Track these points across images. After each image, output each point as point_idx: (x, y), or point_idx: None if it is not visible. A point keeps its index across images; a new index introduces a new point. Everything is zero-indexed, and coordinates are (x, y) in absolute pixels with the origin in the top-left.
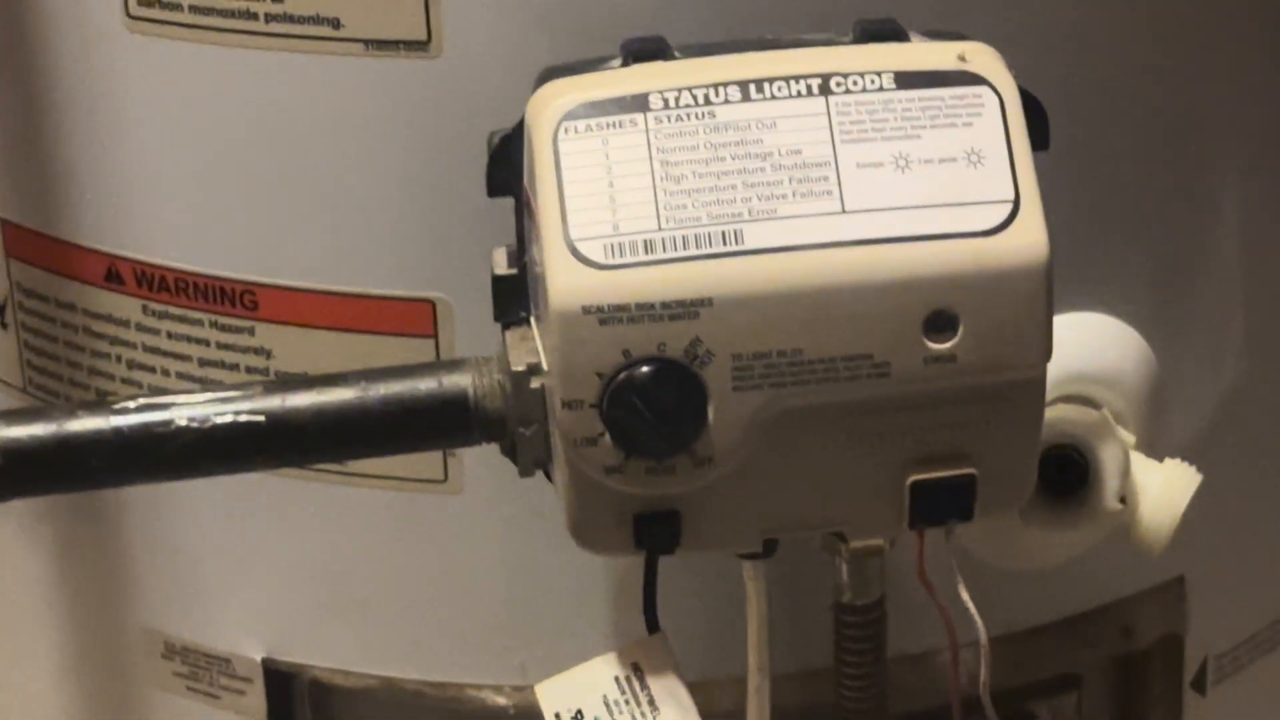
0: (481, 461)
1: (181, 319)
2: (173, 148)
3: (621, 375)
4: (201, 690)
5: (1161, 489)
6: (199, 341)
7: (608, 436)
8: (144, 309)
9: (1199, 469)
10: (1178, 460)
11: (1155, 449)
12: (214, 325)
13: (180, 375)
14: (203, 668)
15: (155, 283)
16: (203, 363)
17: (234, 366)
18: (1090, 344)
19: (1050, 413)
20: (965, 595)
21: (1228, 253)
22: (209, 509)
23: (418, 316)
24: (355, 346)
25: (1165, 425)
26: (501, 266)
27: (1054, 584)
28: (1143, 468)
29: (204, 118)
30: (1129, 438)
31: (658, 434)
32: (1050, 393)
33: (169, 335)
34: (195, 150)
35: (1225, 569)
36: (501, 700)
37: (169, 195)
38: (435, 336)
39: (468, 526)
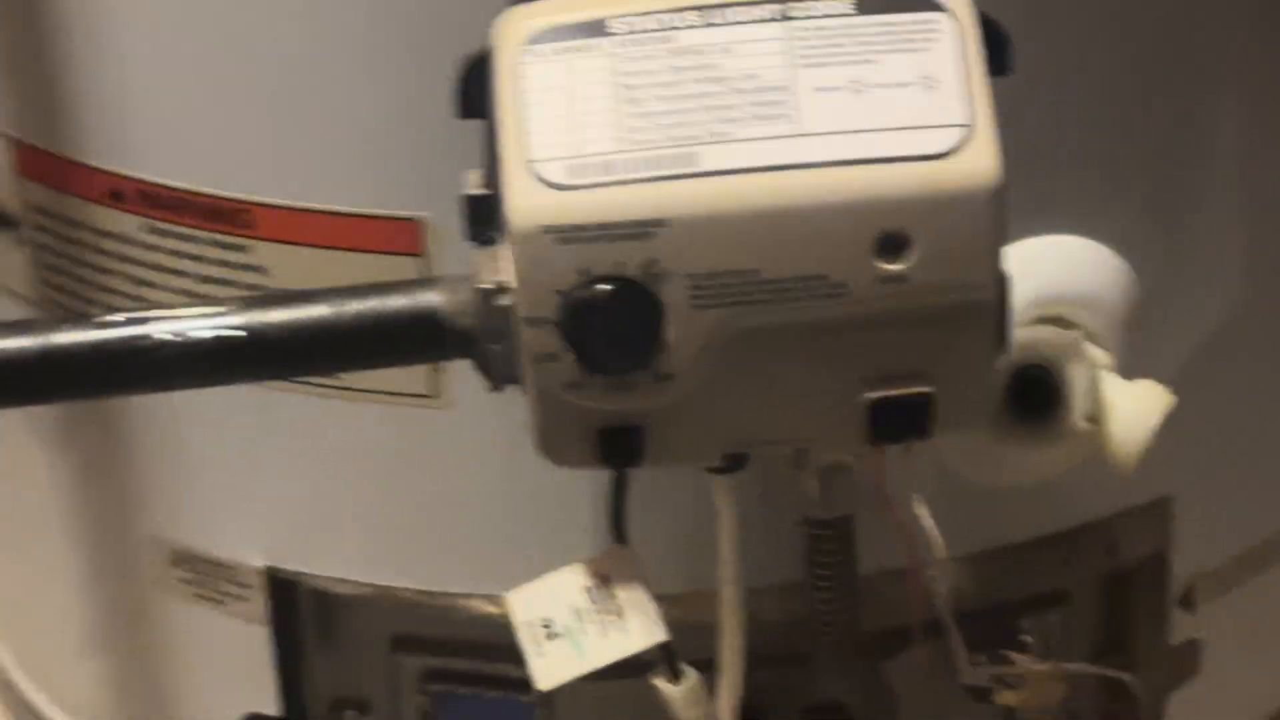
0: (470, 378)
1: (182, 236)
2: (169, 69)
3: (580, 293)
4: (207, 596)
5: (1131, 409)
6: (198, 259)
7: (568, 353)
8: (147, 227)
9: (1193, 388)
10: (1150, 381)
11: (1143, 369)
12: (213, 243)
13: (182, 291)
14: (208, 575)
15: (157, 201)
16: (202, 279)
17: (232, 283)
18: (1066, 266)
19: (1022, 333)
20: (924, 513)
21: (1224, 175)
22: (214, 423)
23: (406, 235)
24: (348, 264)
25: (1159, 344)
26: (474, 186)
27: (1038, 502)
28: (1114, 388)
29: (197, 39)
30: (1104, 358)
31: (616, 350)
32: (1026, 313)
33: (171, 253)
34: (191, 72)
35: (1213, 489)
36: (493, 609)
37: (168, 115)
38: (424, 255)
39: (458, 441)
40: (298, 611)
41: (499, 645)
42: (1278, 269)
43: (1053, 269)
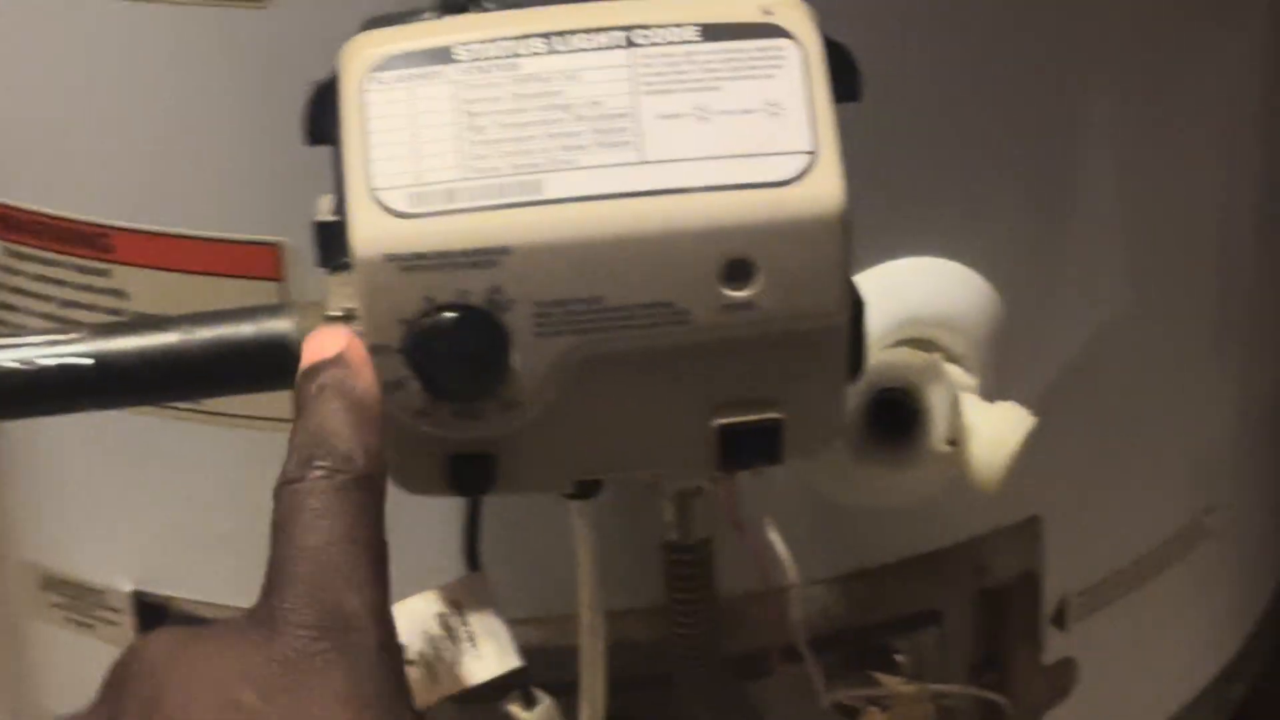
0: None
1: (43, 260)
2: (25, 93)
3: (425, 321)
4: (78, 620)
5: (992, 431)
6: (59, 283)
7: (414, 381)
8: (7, 251)
9: (1062, 407)
10: (1011, 403)
11: (1007, 390)
12: (73, 267)
13: (44, 315)
14: (78, 599)
15: (16, 225)
16: (63, 304)
17: (92, 308)
18: (929, 288)
19: (881, 355)
20: (776, 538)
21: (1091, 198)
22: (81, 447)
23: (264, 259)
24: (208, 289)
25: (1028, 365)
26: (325, 212)
27: (908, 522)
28: (975, 410)
29: (54, 64)
30: (966, 380)
31: (461, 378)
32: (888, 336)
33: (33, 277)
34: (49, 97)
35: (1084, 508)
36: None
37: (26, 139)
38: (282, 280)
39: None
40: None
41: None
42: (1148, 289)
43: (913, 291)
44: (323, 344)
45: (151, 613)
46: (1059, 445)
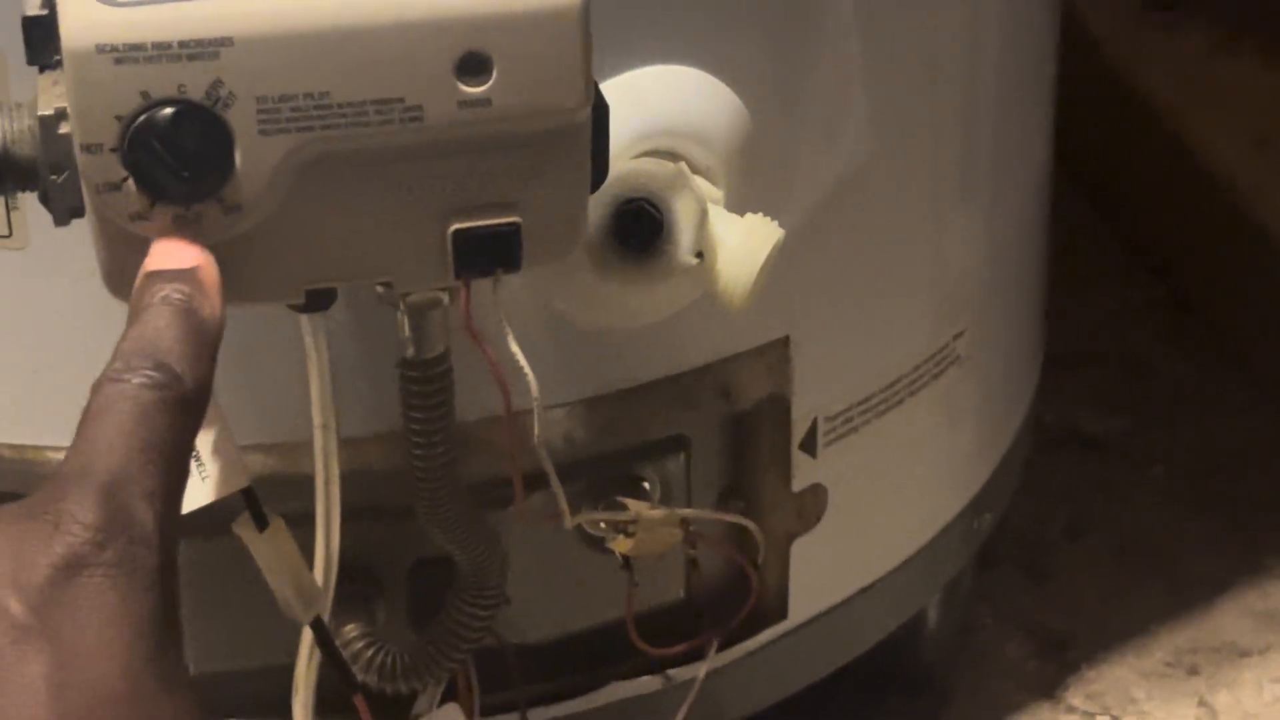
0: (46, 216)
1: None
2: None
3: (141, 118)
4: None
5: (740, 244)
6: None
7: (131, 182)
8: None
9: (814, 231)
10: (759, 215)
11: (754, 208)
12: None
13: None
14: None
15: None
16: None
17: None
18: (673, 97)
19: (625, 165)
20: (516, 350)
21: (845, 23)
22: None
23: None
24: None
25: (779, 191)
26: (33, 7)
27: (652, 344)
28: (723, 223)
29: None
30: (715, 193)
31: (181, 179)
32: (634, 146)
33: None
34: None
35: (834, 331)
36: None
37: None
38: None
39: (35, 282)
40: None
41: None
42: (901, 120)
43: (660, 100)
44: (175, 253)
45: None
46: (808, 267)
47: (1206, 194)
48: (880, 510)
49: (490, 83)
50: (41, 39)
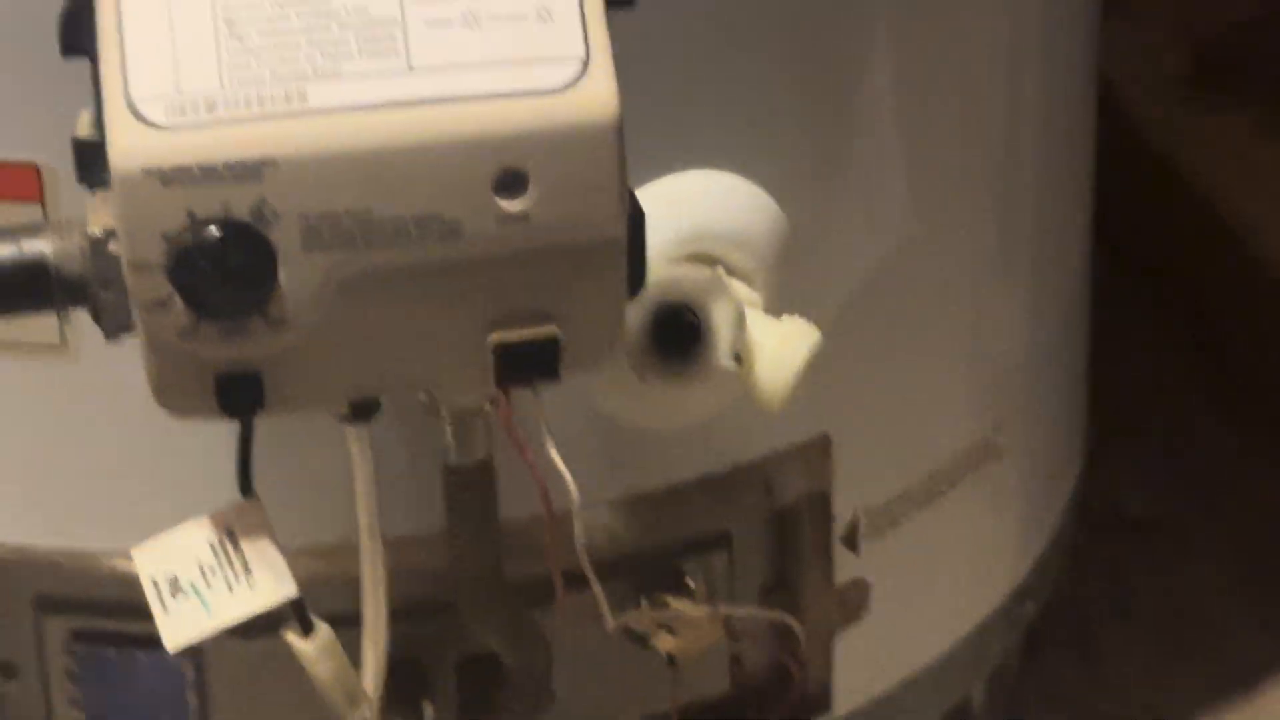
0: (98, 328)
1: None
2: None
3: (187, 237)
4: None
5: (778, 347)
6: None
7: (177, 299)
8: None
9: (852, 326)
10: (796, 318)
11: (799, 308)
12: None
13: None
14: None
15: None
16: None
17: None
18: (713, 202)
19: (664, 271)
20: (555, 456)
21: (878, 117)
22: None
23: (23, 180)
24: None
25: (818, 284)
26: (84, 129)
27: (695, 442)
28: (761, 326)
29: None
30: (752, 296)
31: (226, 296)
32: (671, 251)
33: None
34: None
35: (874, 426)
36: (130, 565)
37: None
38: (43, 201)
39: (88, 392)
40: None
41: (145, 604)
42: (935, 211)
43: (698, 205)
44: None
45: None
46: (847, 363)
47: (1249, 271)
48: (923, 601)
49: (528, 198)
50: (91, 160)
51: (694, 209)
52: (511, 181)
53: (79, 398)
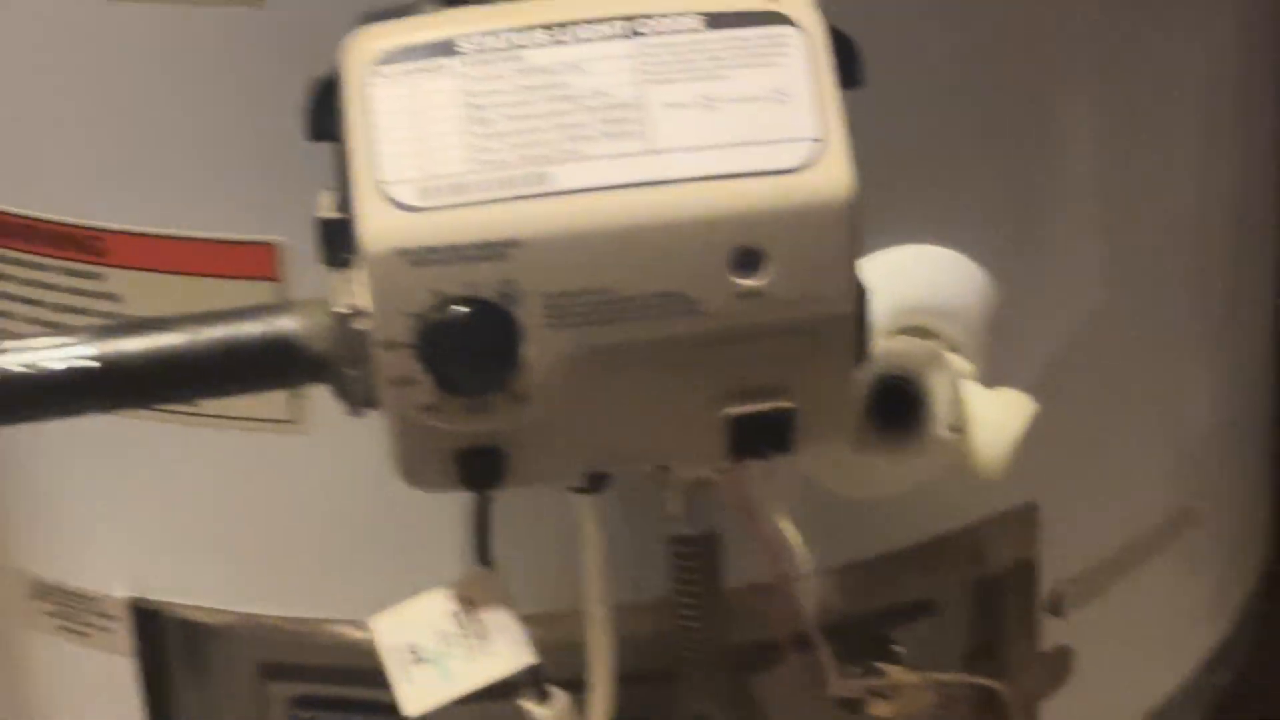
0: (328, 402)
1: (32, 265)
2: (12, 96)
3: (436, 316)
4: (72, 629)
5: (995, 418)
6: (50, 287)
7: (425, 376)
8: None
9: (1055, 395)
10: (1012, 389)
11: (1007, 379)
12: (64, 271)
13: (33, 321)
14: (71, 607)
15: (5, 229)
16: (55, 308)
17: (85, 312)
18: (925, 277)
19: (883, 344)
20: (788, 527)
21: (1077, 182)
22: (74, 451)
23: (260, 259)
24: (202, 290)
25: (1020, 354)
26: (327, 210)
27: (903, 512)
28: (977, 397)
29: (43, 67)
30: (966, 367)
31: (473, 373)
32: (887, 325)
33: (23, 281)
34: (35, 99)
35: (1079, 495)
36: (359, 635)
37: (13, 143)
38: (279, 279)
39: (318, 466)
40: (164, 642)
41: (368, 671)
42: (1133, 273)
43: (912, 279)
44: None
45: (147, 619)
46: (1052, 431)
47: None
48: (1123, 667)
49: (764, 275)
50: (334, 239)
51: (909, 282)
52: (748, 259)
53: (306, 470)
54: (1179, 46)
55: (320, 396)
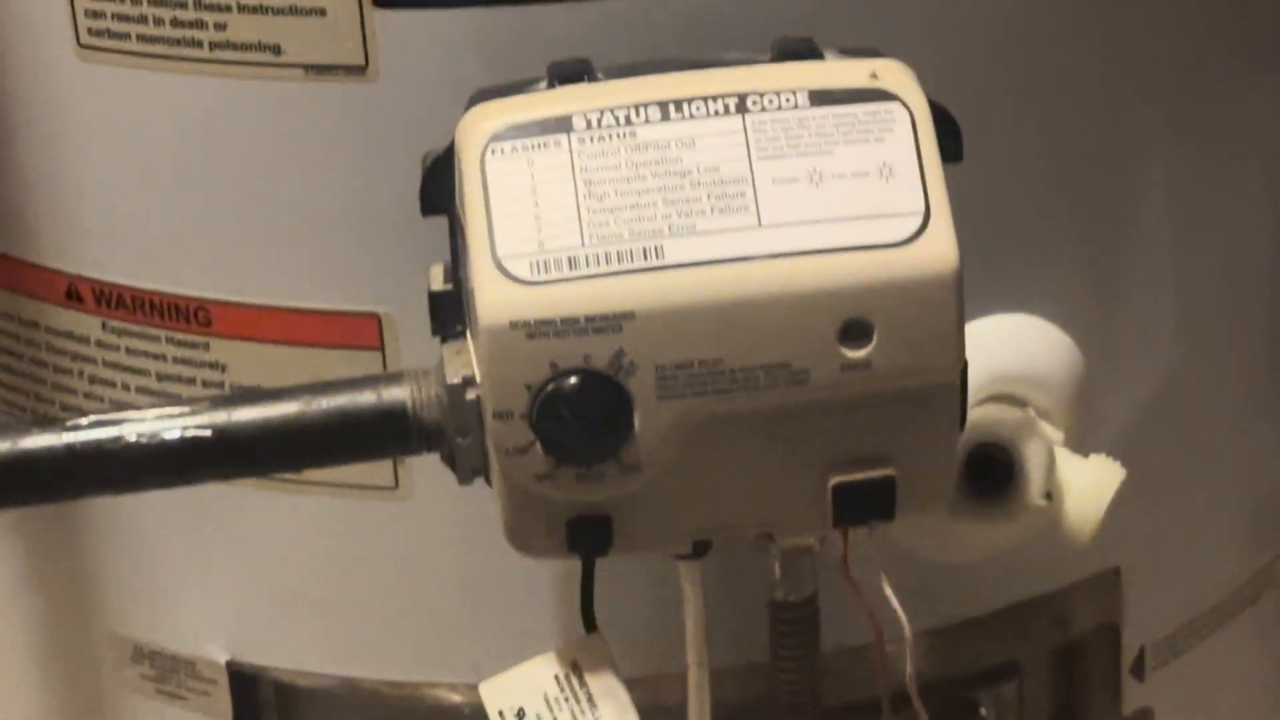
0: (430, 469)
1: (139, 335)
2: (124, 170)
3: (549, 387)
4: (169, 692)
5: (1086, 485)
6: (157, 357)
7: (538, 446)
8: (103, 326)
9: (1134, 458)
10: (1103, 456)
11: (1086, 443)
12: (170, 341)
13: (140, 390)
14: (169, 670)
15: (113, 300)
16: (161, 377)
17: (191, 381)
18: (1015, 345)
19: (976, 412)
20: (889, 592)
21: (1153, 246)
22: (172, 516)
23: (364, 330)
24: (306, 360)
25: (1098, 418)
26: (438, 282)
27: (989, 576)
28: (1068, 464)
29: (153, 141)
30: (1055, 435)
31: (585, 443)
32: (978, 393)
33: (128, 351)
34: (146, 172)
35: (1160, 558)
36: (456, 698)
37: (124, 216)
38: (382, 349)
39: (419, 531)
40: (261, 705)
41: None
42: (1207, 335)
43: (1003, 348)
44: None
45: (245, 682)
46: (1133, 496)
47: None
48: None
49: (871, 347)
50: (445, 311)
51: (1002, 351)
52: (856, 331)
53: (407, 534)
54: (1250, 110)
55: (422, 462)
